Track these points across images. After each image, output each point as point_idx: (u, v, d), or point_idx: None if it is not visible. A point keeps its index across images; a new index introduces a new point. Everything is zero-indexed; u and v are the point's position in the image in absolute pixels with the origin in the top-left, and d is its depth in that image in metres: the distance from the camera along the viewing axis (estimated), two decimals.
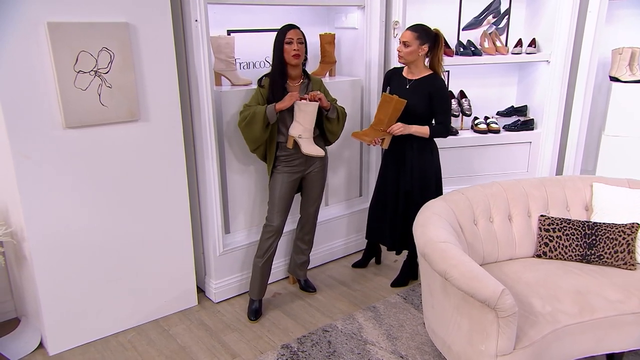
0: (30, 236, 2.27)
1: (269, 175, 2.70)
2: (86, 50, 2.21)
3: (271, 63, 2.59)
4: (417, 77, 2.75)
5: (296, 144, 2.59)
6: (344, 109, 2.76)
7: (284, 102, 2.49)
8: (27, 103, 2.14)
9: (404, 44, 2.65)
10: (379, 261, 3.31)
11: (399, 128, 2.70)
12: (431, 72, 2.76)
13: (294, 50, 2.48)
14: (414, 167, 2.81)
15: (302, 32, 2.53)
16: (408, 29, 2.67)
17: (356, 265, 3.31)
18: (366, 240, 3.27)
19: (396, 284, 3.08)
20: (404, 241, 2.95)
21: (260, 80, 2.62)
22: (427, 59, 2.78)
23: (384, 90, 2.89)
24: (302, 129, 2.53)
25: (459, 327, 2.00)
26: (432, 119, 2.79)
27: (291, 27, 2.51)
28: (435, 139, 2.85)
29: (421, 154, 2.80)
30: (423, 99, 2.72)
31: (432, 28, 2.69)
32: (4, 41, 2.04)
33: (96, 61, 2.25)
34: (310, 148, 2.58)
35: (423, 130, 2.73)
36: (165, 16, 2.42)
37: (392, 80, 2.85)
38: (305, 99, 2.50)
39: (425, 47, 2.68)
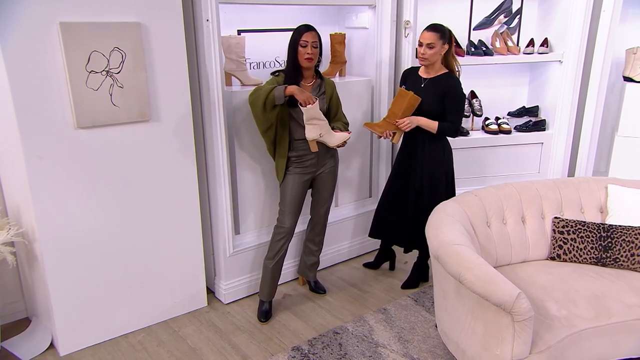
0: (41, 236, 2.27)
1: (280, 180, 2.67)
2: (98, 50, 2.20)
3: (286, 61, 2.58)
4: (432, 76, 2.74)
5: (320, 145, 2.57)
6: (347, 124, 2.77)
7: (301, 95, 2.37)
8: (39, 103, 2.13)
9: (428, 45, 2.62)
10: (392, 267, 3.26)
11: (407, 123, 2.68)
12: (446, 70, 2.74)
13: (308, 54, 2.46)
14: (424, 166, 2.79)
15: (318, 34, 2.50)
16: (429, 30, 2.63)
17: (368, 265, 3.28)
18: (379, 241, 3.24)
19: (407, 285, 3.05)
20: (413, 240, 2.93)
21: (275, 72, 2.61)
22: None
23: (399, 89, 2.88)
24: (318, 127, 2.49)
25: (474, 330, 1.98)
26: (443, 119, 2.76)
27: (307, 28, 2.48)
28: (448, 140, 2.83)
29: (432, 153, 2.78)
30: (436, 97, 2.70)
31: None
32: (17, 41, 2.04)
33: (108, 61, 2.24)
34: (336, 139, 2.57)
35: (431, 125, 2.70)
36: (177, 16, 2.41)
37: (408, 79, 2.84)
38: (307, 104, 2.41)
39: (446, 46, 2.67)
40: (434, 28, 2.63)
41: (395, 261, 3.27)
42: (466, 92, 3.87)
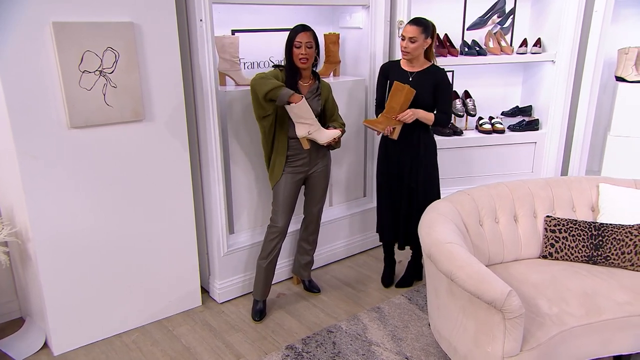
0: (35, 236, 2.27)
1: (274, 182, 2.67)
2: (91, 50, 2.20)
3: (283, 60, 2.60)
4: (418, 70, 2.74)
5: (312, 142, 2.58)
6: (343, 124, 2.76)
7: (296, 103, 2.41)
8: (32, 103, 2.14)
9: (411, 39, 2.63)
10: (393, 271, 3.19)
11: (410, 115, 2.66)
12: (430, 63, 2.76)
13: (302, 54, 2.47)
14: (420, 163, 2.80)
15: (313, 34, 2.51)
16: (412, 24, 2.63)
17: (388, 285, 3.08)
18: (373, 240, 3.22)
19: (401, 284, 3.06)
20: (407, 238, 2.93)
21: (279, 65, 2.60)
22: None
23: (379, 83, 2.86)
24: (307, 125, 2.50)
25: (465, 328, 1.99)
26: (434, 110, 2.78)
27: (303, 28, 2.48)
28: (435, 140, 2.87)
29: (428, 150, 2.81)
30: (428, 89, 2.71)
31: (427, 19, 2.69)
32: (9, 41, 2.04)
33: (101, 61, 2.24)
34: (325, 136, 2.57)
35: (429, 117, 2.72)
36: (170, 16, 2.41)
37: (391, 73, 2.80)
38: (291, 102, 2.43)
39: (429, 40, 2.69)
40: (417, 22, 2.63)
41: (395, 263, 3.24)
42: (460, 92, 3.92)
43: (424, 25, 2.63)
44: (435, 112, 2.77)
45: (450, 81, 2.80)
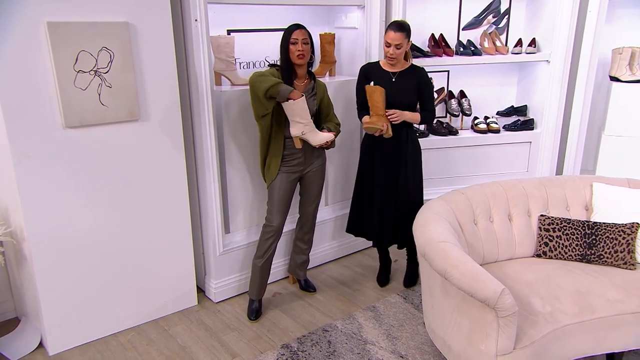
0: (30, 236, 2.27)
1: (269, 180, 2.67)
2: (86, 49, 2.21)
3: (279, 61, 2.60)
4: (400, 70, 2.77)
5: (304, 142, 2.59)
6: (338, 124, 2.77)
7: (296, 98, 2.42)
8: (27, 103, 2.14)
9: (397, 46, 2.64)
10: (388, 271, 3.21)
11: (397, 115, 2.69)
12: (409, 63, 2.80)
13: (299, 50, 2.49)
14: (409, 159, 2.81)
15: (308, 32, 2.53)
16: (396, 31, 2.62)
17: (383, 284, 3.11)
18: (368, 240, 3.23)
19: (408, 283, 3.05)
20: (401, 238, 2.93)
21: (274, 65, 2.61)
22: None
23: (361, 86, 2.83)
24: (302, 125, 2.51)
25: (459, 327, 2.00)
26: (417, 107, 2.82)
27: (297, 27, 2.52)
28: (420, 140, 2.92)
29: (414, 146, 2.83)
30: (412, 89, 2.75)
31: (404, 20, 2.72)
32: (4, 41, 2.04)
33: (96, 61, 2.25)
34: (318, 138, 2.58)
35: (415, 118, 2.77)
36: (165, 16, 2.42)
37: (372, 75, 2.79)
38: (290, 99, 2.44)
39: (410, 42, 2.73)
40: (400, 28, 2.63)
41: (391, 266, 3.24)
42: (455, 91, 3.94)
43: (406, 30, 2.66)
44: (419, 111, 2.81)
45: (446, 81, 2.81)
